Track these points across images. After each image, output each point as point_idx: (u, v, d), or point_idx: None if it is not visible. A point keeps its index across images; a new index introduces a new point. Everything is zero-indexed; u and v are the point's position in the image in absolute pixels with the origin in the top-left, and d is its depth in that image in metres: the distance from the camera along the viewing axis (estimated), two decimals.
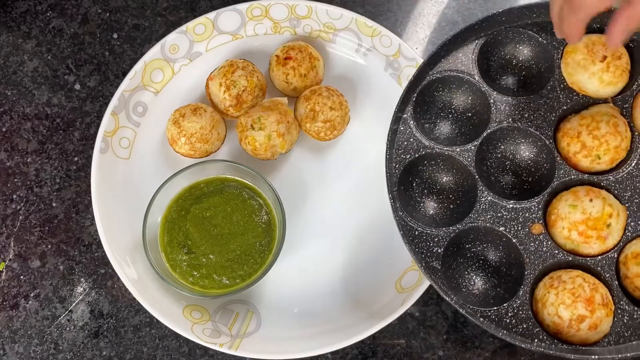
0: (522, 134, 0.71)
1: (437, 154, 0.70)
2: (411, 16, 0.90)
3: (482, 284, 0.69)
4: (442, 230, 0.68)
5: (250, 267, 0.75)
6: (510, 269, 0.68)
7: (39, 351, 0.76)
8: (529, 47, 0.74)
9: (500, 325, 0.64)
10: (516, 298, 0.65)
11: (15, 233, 0.80)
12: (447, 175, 0.72)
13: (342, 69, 0.85)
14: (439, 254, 0.67)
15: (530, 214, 0.68)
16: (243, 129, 0.77)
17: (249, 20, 0.84)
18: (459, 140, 0.72)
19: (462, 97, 0.73)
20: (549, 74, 0.72)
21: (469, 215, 0.68)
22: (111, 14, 0.89)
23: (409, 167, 0.70)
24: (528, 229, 0.67)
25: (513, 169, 0.72)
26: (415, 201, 0.71)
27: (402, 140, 0.71)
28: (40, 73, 0.87)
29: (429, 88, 0.72)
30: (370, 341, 0.77)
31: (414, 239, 0.67)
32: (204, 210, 0.76)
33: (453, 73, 0.72)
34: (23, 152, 0.83)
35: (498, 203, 0.68)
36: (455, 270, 0.69)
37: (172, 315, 0.73)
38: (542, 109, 0.70)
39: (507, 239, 0.67)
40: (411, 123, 0.71)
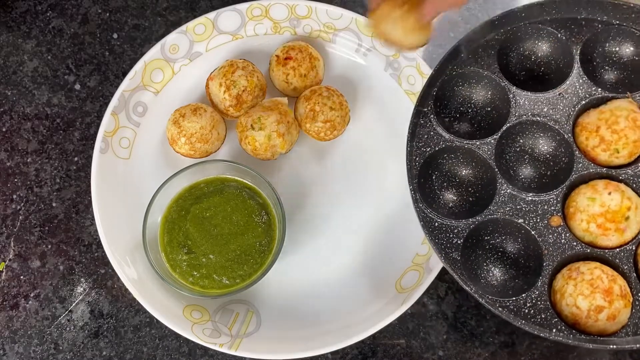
0: (541, 128, 0.71)
1: (457, 147, 0.71)
2: None
3: (501, 275, 0.69)
4: (462, 222, 0.68)
5: (250, 267, 0.75)
6: (529, 261, 0.68)
7: (39, 351, 0.76)
8: (547, 43, 0.74)
9: (519, 315, 0.64)
10: (534, 289, 0.65)
11: (15, 233, 0.80)
12: (466, 168, 0.72)
13: (342, 69, 0.85)
14: (458, 245, 0.67)
15: (549, 206, 0.68)
16: (243, 129, 0.77)
17: (249, 20, 0.84)
18: (479, 134, 0.72)
19: (482, 91, 0.74)
20: (567, 69, 0.72)
21: (488, 208, 0.68)
22: (111, 14, 0.89)
23: (429, 160, 0.71)
24: (547, 221, 0.68)
25: (532, 162, 0.72)
26: (434, 193, 0.72)
27: (423, 134, 0.71)
28: (40, 73, 0.87)
29: (449, 83, 0.72)
30: (370, 341, 0.77)
31: (433, 230, 0.68)
32: (204, 210, 0.76)
33: (473, 68, 0.72)
34: (23, 152, 0.83)
35: (517, 195, 0.69)
36: (474, 262, 0.69)
37: (172, 315, 0.73)
38: (561, 104, 0.71)
39: (526, 231, 0.68)
40: (431, 117, 0.71)
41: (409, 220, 0.79)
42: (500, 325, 0.77)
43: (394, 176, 0.81)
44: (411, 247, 0.78)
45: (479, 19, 0.90)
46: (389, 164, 0.82)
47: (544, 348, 0.76)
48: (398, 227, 0.79)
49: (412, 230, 0.78)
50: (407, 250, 0.78)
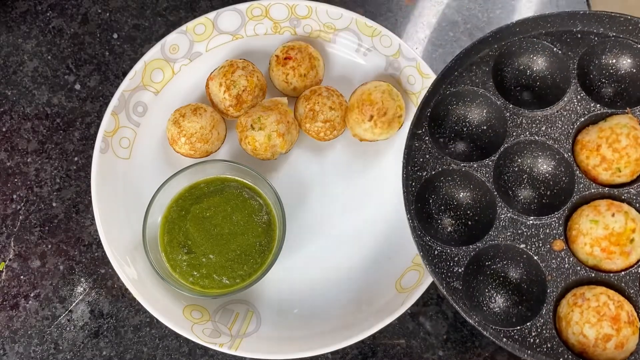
0: (539, 148, 0.70)
1: (454, 170, 0.69)
2: (411, 16, 0.90)
3: (504, 302, 0.67)
4: (462, 249, 0.66)
5: (250, 267, 0.75)
6: (532, 287, 0.67)
7: (39, 351, 0.76)
8: (543, 57, 0.73)
9: (524, 345, 0.63)
10: (539, 317, 0.64)
11: (15, 233, 0.80)
12: (464, 191, 0.70)
13: (342, 69, 0.85)
14: (459, 273, 0.65)
15: (551, 229, 0.66)
16: (243, 129, 0.77)
17: (249, 20, 0.84)
18: (475, 155, 0.71)
19: (477, 110, 0.72)
20: (565, 85, 0.71)
21: (488, 233, 0.66)
22: (111, 14, 0.89)
23: (426, 184, 0.69)
24: (549, 245, 0.66)
25: (531, 183, 0.71)
26: (432, 218, 0.70)
27: (418, 157, 0.69)
28: (40, 73, 0.87)
29: (443, 102, 0.71)
30: (370, 341, 0.77)
31: (433, 259, 0.66)
32: (204, 210, 0.76)
33: (467, 86, 0.71)
34: (23, 152, 0.83)
35: (518, 219, 0.67)
36: (476, 289, 0.67)
37: (172, 315, 0.73)
38: (560, 122, 0.69)
39: (528, 256, 0.66)
40: (426, 139, 0.69)
41: None
42: None
43: (394, 176, 0.81)
44: (411, 247, 0.78)
45: (479, 19, 0.90)
46: (389, 164, 0.82)
47: None
48: (398, 227, 0.79)
49: None
50: (407, 250, 0.78)
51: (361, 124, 0.77)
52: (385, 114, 0.76)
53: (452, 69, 0.70)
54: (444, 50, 0.88)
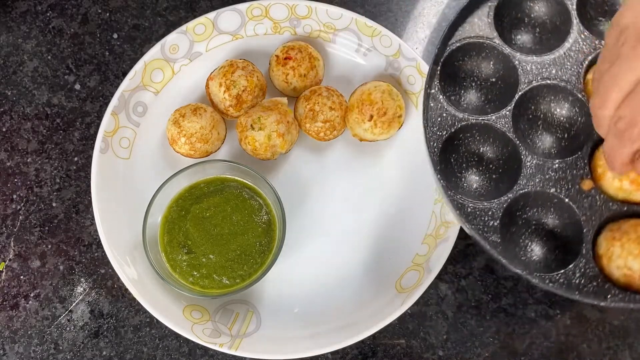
0: (553, 91, 0.69)
1: (472, 125, 0.69)
2: (411, 16, 0.90)
3: (541, 249, 0.67)
4: (494, 202, 0.66)
5: (250, 267, 0.75)
6: (567, 229, 0.67)
7: (39, 351, 0.76)
8: (541, 1, 0.73)
9: (570, 287, 0.63)
10: (580, 257, 0.64)
11: (15, 233, 0.80)
12: (484, 145, 0.70)
13: (342, 69, 0.85)
14: (496, 227, 0.65)
15: (578, 170, 0.66)
16: (243, 129, 0.77)
17: (249, 20, 0.84)
18: (490, 108, 0.71)
19: (484, 63, 0.72)
20: (566, 27, 0.71)
21: (517, 182, 0.66)
22: (111, 14, 0.89)
23: (446, 143, 0.69)
24: (578, 185, 0.66)
25: (548, 127, 0.71)
26: (456, 177, 0.70)
27: (435, 117, 0.69)
28: (40, 73, 0.87)
29: (450, 59, 0.71)
30: (370, 341, 0.77)
31: (467, 216, 0.66)
32: (204, 210, 0.76)
33: (472, 40, 0.70)
34: (23, 152, 0.83)
35: (544, 165, 0.67)
36: (512, 240, 0.67)
37: (172, 315, 0.73)
38: (568, 63, 0.69)
39: (559, 200, 0.66)
40: (440, 97, 0.69)
41: (409, 220, 0.79)
42: (501, 325, 0.77)
43: (395, 176, 0.81)
44: (411, 247, 0.78)
45: None
46: (389, 164, 0.82)
47: (544, 348, 0.77)
48: (398, 227, 0.79)
49: (412, 230, 0.78)
50: (407, 250, 0.78)
51: (361, 124, 0.77)
52: (385, 113, 0.77)
53: (455, 25, 0.70)
54: None
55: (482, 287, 0.79)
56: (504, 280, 0.79)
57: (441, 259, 0.75)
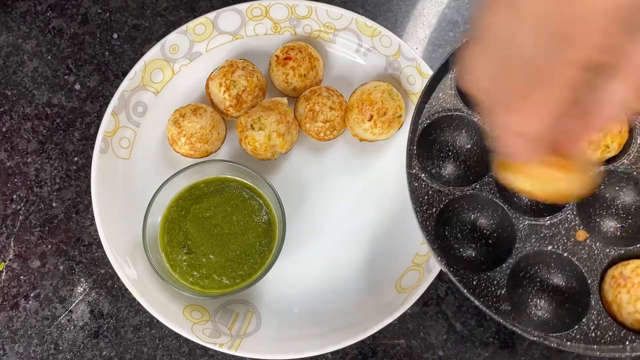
0: None
1: (459, 198, 0.69)
2: (411, 16, 0.90)
3: (549, 306, 0.68)
4: (497, 271, 0.67)
5: (250, 267, 0.75)
6: (572, 282, 0.67)
7: (39, 351, 0.76)
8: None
9: (588, 341, 0.63)
10: (591, 309, 0.64)
11: (15, 233, 0.80)
12: (475, 213, 0.71)
13: (342, 69, 0.85)
14: (504, 295, 0.66)
15: (569, 222, 0.67)
16: (243, 129, 0.77)
17: (249, 20, 0.84)
18: (471, 175, 0.71)
19: (457, 132, 0.72)
20: None
21: (515, 246, 0.67)
22: (111, 14, 0.89)
23: (438, 219, 0.69)
24: (573, 238, 0.67)
25: None
26: (453, 249, 0.70)
27: (422, 196, 0.69)
28: (40, 73, 0.87)
29: (423, 136, 0.71)
30: (370, 341, 0.77)
31: (474, 290, 0.66)
32: (204, 210, 0.76)
33: (441, 114, 0.71)
34: (23, 152, 0.83)
35: (536, 224, 0.67)
36: (520, 303, 0.68)
37: (172, 315, 0.73)
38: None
39: (558, 255, 0.67)
40: (423, 176, 0.69)
41: (408, 220, 0.79)
42: (500, 325, 0.77)
43: (394, 176, 0.81)
44: (411, 247, 0.78)
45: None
46: (389, 164, 0.82)
47: (543, 348, 0.76)
48: (398, 227, 0.79)
49: (412, 230, 0.78)
50: (407, 250, 0.78)
51: (361, 124, 0.77)
52: (385, 113, 0.77)
53: (422, 103, 0.71)
54: (444, 50, 0.88)
55: None
56: None
57: None
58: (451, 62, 0.71)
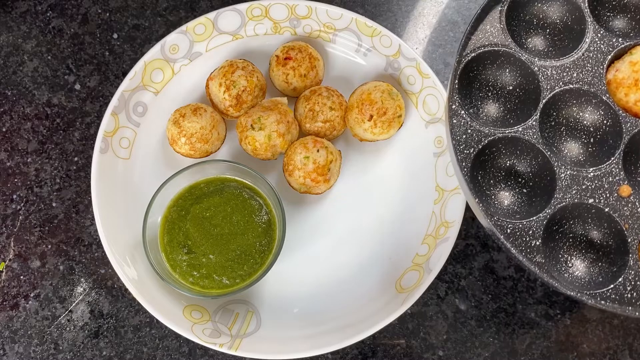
0: (576, 95, 0.67)
1: (499, 140, 0.66)
2: (411, 16, 0.90)
3: (584, 263, 0.65)
4: (533, 220, 0.63)
5: (250, 267, 0.75)
6: (610, 240, 0.64)
7: (39, 351, 0.76)
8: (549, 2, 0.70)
9: (623, 302, 0.61)
10: (629, 269, 0.61)
11: (15, 233, 0.80)
12: (512, 159, 0.67)
13: (342, 69, 0.85)
14: (538, 246, 0.63)
15: (613, 177, 0.64)
16: (243, 129, 0.77)
17: (249, 20, 0.84)
18: (512, 118, 0.68)
19: (500, 71, 0.69)
20: (580, 26, 0.68)
21: (554, 196, 0.64)
22: (111, 14, 0.89)
23: (474, 161, 0.65)
24: (616, 193, 0.64)
25: (578, 133, 0.68)
26: (486, 195, 0.67)
27: (460, 134, 0.65)
28: (40, 73, 0.87)
29: (465, 71, 0.68)
30: (370, 341, 0.77)
31: (508, 237, 0.62)
32: (204, 210, 0.76)
33: (487, 48, 0.67)
34: (23, 152, 0.83)
35: (579, 175, 0.64)
36: (554, 257, 0.65)
37: (172, 315, 0.73)
38: (589, 64, 0.67)
39: (598, 210, 0.64)
40: (462, 113, 0.66)
41: (409, 220, 0.79)
42: (500, 325, 0.77)
43: (394, 176, 0.81)
44: (411, 247, 0.78)
45: None
46: (389, 164, 0.82)
47: (544, 348, 0.77)
48: (398, 227, 0.79)
49: (412, 230, 0.78)
50: (407, 250, 0.78)
51: (361, 124, 0.77)
52: (385, 113, 0.77)
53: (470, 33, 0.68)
54: (444, 50, 0.88)
55: (482, 287, 0.79)
56: (503, 280, 0.79)
57: (441, 259, 0.75)
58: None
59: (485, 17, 0.68)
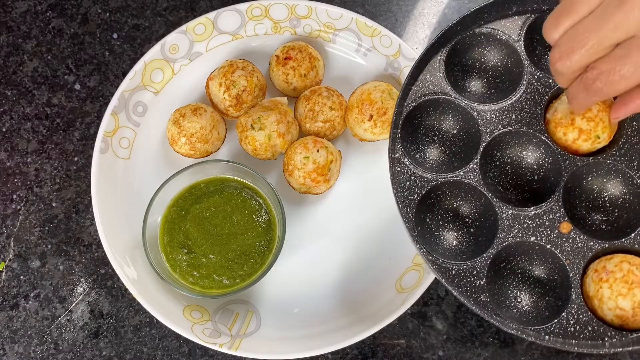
0: (516, 137, 0.69)
1: (442, 184, 0.68)
2: (411, 16, 0.90)
3: (530, 298, 0.67)
4: (477, 261, 0.65)
5: (250, 267, 0.75)
6: (553, 275, 0.66)
7: (39, 351, 0.76)
8: (489, 47, 0.72)
9: (567, 336, 0.62)
10: (571, 303, 0.63)
11: (15, 233, 0.80)
12: (457, 200, 0.69)
13: (342, 69, 0.85)
14: (483, 286, 0.64)
15: (554, 214, 0.66)
16: (243, 129, 0.77)
17: (249, 20, 0.84)
18: (455, 161, 0.70)
19: (443, 117, 0.71)
20: (519, 68, 0.70)
21: (496, 236, 0.66)
22: (111, 14, 0.89)
23: (419, 205, 0.67)
24: (557, 230, 0.66)
25: (517, 173, 0.70)
26: (434, 237, 0.69)
27: (404, 181, 0.68)
28: (40, 73, 0.87)
29: (408, 119, 0.70)
30: (370, 341, 0.77)
31: (453, 280, 0.65)
32: (204, 210, 0.76)
33: (428, 97, 0.70)
34: (23, 152, 0.83)
35: (520, 214, 0.66)
36: (500, 294, 0.66)
37: (172, 315, 0.73)
38: (527, 106, 0.69)
39: (541, 247, 0.66)
40: (405, 161, 0.68)
41: None
42: None
43: None
44: (411, 247, 0.78)
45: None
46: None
47: (544, 348, 0.77)
48: (398, 227, 0.79)
49: None
50: (407, 250, 0.78)
51: (361, 124, 0.77)
52: (385, 113, 0.77)
53: (409, 85, 0.69)
54: None
55: None
56: None
57: None
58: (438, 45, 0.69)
59: (425, 67, 0.70)
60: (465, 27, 0.71)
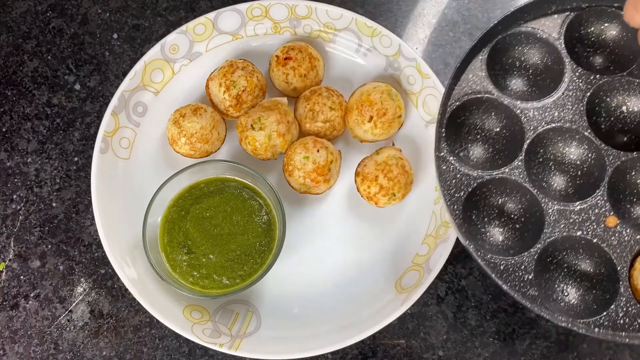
0: (559, 133, 0.70)
1: (488, 182, 0.69)
2: (411, 16, 0.90)
3: (577, 291, 0.68)
4: (525, 256, 0.67)
5: (250, 267, 0.75)
6: (601, 269, 0.67)
7: (39, 351, 0.76)
8: (529, 45, 0.73)
9: (616, 328, 0.63)
10: (620, 296, 0.64)
11: (15, 233, 0.80)
12: (503, 197, 0.70)
13: (342, 69, 0.85)
14: (531, 280, 0.66)
15: (599, 208, 0.67)
16: (243, 129, 0.77)
17: (249, 21, 0.84)
18: (499, 159, 0.71)
19: (486, 115, 0.72)
20: (559, 66, 0.71)
21: (543, 231, 0.67)
22: (111, 14, 0.89)
23: (465, 202, 0.69)
24: (603, 224, 0.67)
25: (561, 169, 0.71)
26: (480, 234, 0.70)
27: (450, 179, 0.69)
28: (40, 73, 0.87)
29: (452, 118, 0.71)
30: (370, 341, 0.77)
31: (502, 274, 0.66)
32: (204, 210, 0.76)
33: (471, 96, 0.71)
34: (23, 152, 0.83)
35: (565, 209, 0.67)
36: (548, 288, 0.67)
37: (172, 315, 0.73)
38: (569, 103, 0.70)
39: (587, 241, 0.67)
40: (451, 159, 0.70)
41: (409, 220, 0.79)
42: (500, 325, 0.77)
43: None
44: (411, 247, 0.78)
45: (479, 19, 0.90)
46: None
47: (544, 348, 0.77)
48: (398, 227, 0.79)
49: (412, 231, 0.78)
50: (407, 250, 0.78)
51: (361, 125, 0.77)
52: (385, 114, 0.77)
53: (452, 84, 0.71)
54: (444, 50, 0.88)
55: (482, 287, 0.79)
56: None
57: (441, 259, 0.75)
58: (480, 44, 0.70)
59: (467, 67, 0.72)
60: (505, 27, 0.72)
